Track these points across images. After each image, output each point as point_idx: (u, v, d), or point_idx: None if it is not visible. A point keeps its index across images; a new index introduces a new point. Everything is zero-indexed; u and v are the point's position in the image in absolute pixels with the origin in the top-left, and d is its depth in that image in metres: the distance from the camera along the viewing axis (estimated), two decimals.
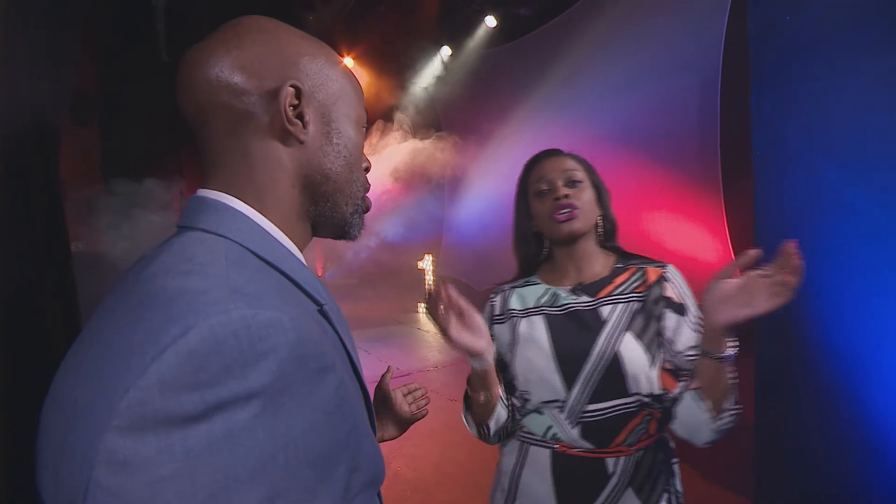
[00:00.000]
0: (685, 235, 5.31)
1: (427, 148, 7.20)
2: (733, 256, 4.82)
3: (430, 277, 7.19)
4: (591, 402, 0.96)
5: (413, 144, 7.39)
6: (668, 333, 1.00)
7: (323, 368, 0.38)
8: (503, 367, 1.05)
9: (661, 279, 1.05)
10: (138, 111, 4.61)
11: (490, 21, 6.80)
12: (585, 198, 1.03)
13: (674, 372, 0.99)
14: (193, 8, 5.97)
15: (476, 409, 1.01)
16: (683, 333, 1.00)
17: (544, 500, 0.97)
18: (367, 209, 0.60)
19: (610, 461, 0.96)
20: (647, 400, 0.97)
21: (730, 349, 0.88)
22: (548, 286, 1.08)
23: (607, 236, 1.12)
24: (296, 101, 0.50)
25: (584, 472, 0.96)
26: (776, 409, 1.67)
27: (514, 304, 1.08)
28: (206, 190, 0.49)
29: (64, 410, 0.33)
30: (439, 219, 8.75)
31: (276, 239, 0.48)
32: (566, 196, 1.01)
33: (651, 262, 1.10)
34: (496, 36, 6.98)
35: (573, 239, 1.04)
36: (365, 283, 9.54)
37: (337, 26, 6.99)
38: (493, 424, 1.00)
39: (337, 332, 0.48)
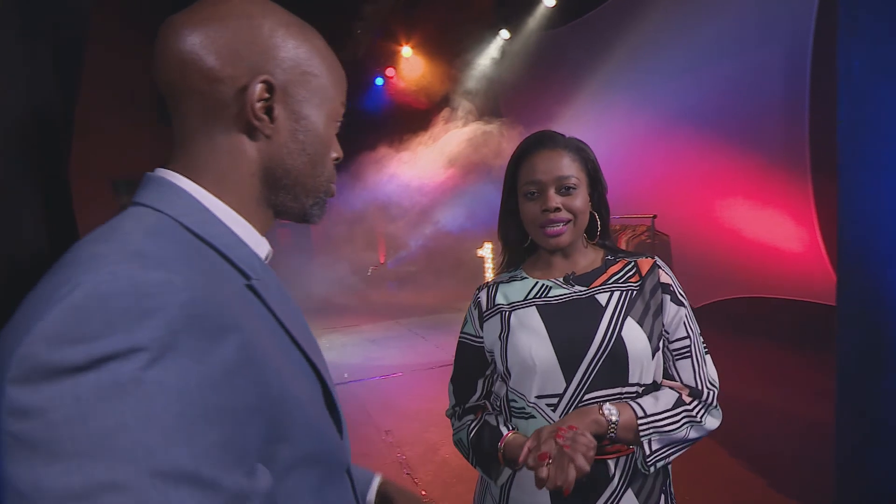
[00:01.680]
0: (765, 224, 4.85)
1: (487, 134, 7.11)
2: (823, 248, 4.33)
3: (489, 265, 7.14)
4: (590, 392, 0.91)
5: (473, 131, 7.33)
6: (665, 323, 0.97)
7: (221, 328, 0.39)
8: (493, 364, 1.01)
9: (655, 267, 1.01)
10: None
11: (548, 1, 6.54)
12: (578, 206, 0.96)
13: (667, 364, 0.97)
14: None
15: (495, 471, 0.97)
16: (678, 325, 0.97)
17: None
18: (331, 195, 0.60)
19: (611, 462, 0.91)
20: (644, 391, 0.93)
21: (607, 427, 0.87)
22: (536, 280, 1.02)
23: (599, 234, 1.05)
24: (266, 96, 0.50)
25: (584, 475, 0.90)
26: (859, 412, 1.48)
27: (501, 299, 1.02)
28: (162, 169, 0.51)
29: None
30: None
31: (216, 217, 0.49)
32: (557, 209, 0.94)
33: (639, 255, 1.05)
34: (555, 16, 6.71)
35: (561, 249, 1.00)
36: (425, 271, 9.67)
37: (394, 16, 7.04)
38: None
39: (268, 306, 0.49)
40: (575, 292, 0.97)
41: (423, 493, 2.52)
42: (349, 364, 4.81)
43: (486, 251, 7.61)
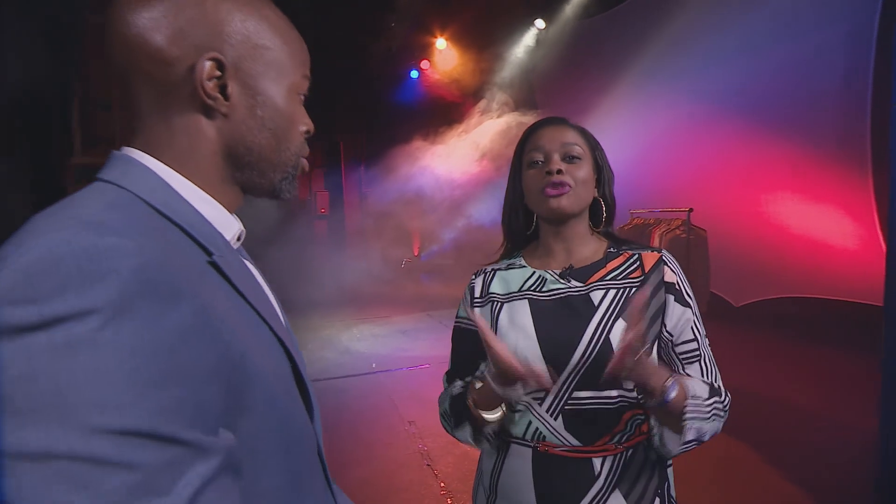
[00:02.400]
0: (817, 219, 4.55)
1: (522, 126, 6.99)
2: (883, 245, 4.01)
3: None
4: (577, 390, 0.88)
5: (508, 123, 7.23)
6: (669, 326, 0.90)
7: (175, 293, 0.39)
8: (482, 356, 0.96)
9: (660, 262, 0.95)
10: None
11: None
12: (581, 175, 0.93)
13: (675, 368, 0.91)
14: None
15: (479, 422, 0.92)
16: (684, 328, 0.91)
17: (523, 501, 0.90)
18: (302, 171, 0.59)
19: (596, 461, 0.88)
20: (634, 395, 0.88)
21: (668, 389, 0.80)
22: (534, 269, 0.99)
23: (603, 220, 1.00)
24: (217, 74, 0.49)
25: (568, 472, 0.88)
26: None
27: (496, 287, 0.99)
28: (127, 148, 0.51)
29: None
30: None
31: (179, 195, 0.49)
32: (559, 171, 0.91)
33: (645, 247, 0.99)
34: (592, 4, 6.50)
35: (562, 218, 0.95)
36: (458, 264, 9.67)
37: (428, 8, 7.01)
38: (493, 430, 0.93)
39: (231, 281, 0.49)
40: (571, 288, 0.93)
41: (442, 484, 2.54)
42: (378, 354, 4.88)
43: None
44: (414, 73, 9.04)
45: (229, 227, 0.55)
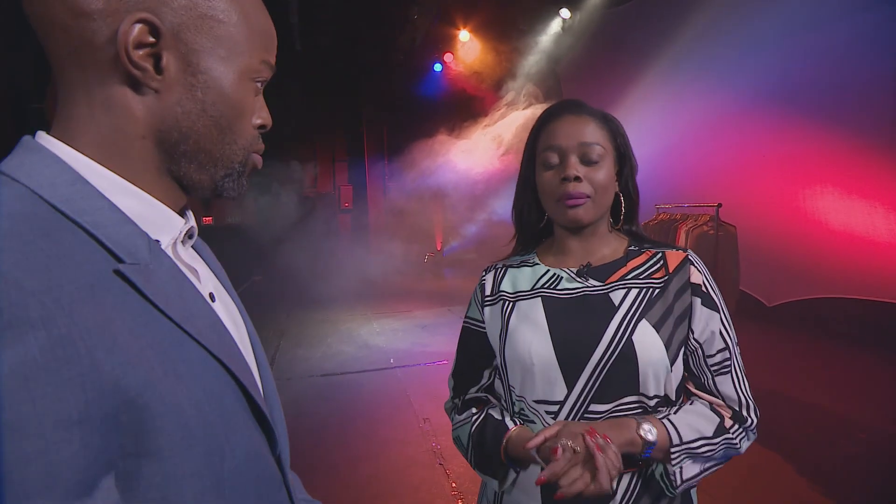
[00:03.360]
0: (861, 216, 4.26)
1: (531, 116, 6.85)
2: None
3: None
4: (595, 402, 0.81)
5: (533, 116, 7.09)
6: (696, 333, 0.83)
7: (17, 322, 0.32)
8: (493, 356, 0.92)
9: (686, 262, 0.87)
10: (272, 99, 5.12)
11: None
12: (601, 179, 0.85)
13: (695, 380, 0.85)
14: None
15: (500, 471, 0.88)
16: (713, 334, 0.83)
17: None
18: (254, 168, 0.52)
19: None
20: (655, 403, 0.81)
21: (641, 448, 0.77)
22: (548, 267, 0.91)
23: (624, 217, 0.92)
24: (150, 40, 0.42)
25: (581, 493, 0.80)
26: None
27: (507, 285, 0.92)
28: (41, 132, 0.44)
29: None
30: None
31: (94, 189, 0.42)
32: (577, 179, 0.83)
33: (669, 245, 0.91)
34: None
35: (580, 227, 0.88)
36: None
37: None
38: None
39: (145, 295, 0.41)
40: (588, 287, 0.86)
41: (454, 484, 2.49)
42: (396, 349, 4.87)
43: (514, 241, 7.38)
44: (437, 67, 8.96)
45: (168, 225, 0.47)
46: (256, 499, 0.46)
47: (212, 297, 0.52)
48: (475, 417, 0.91)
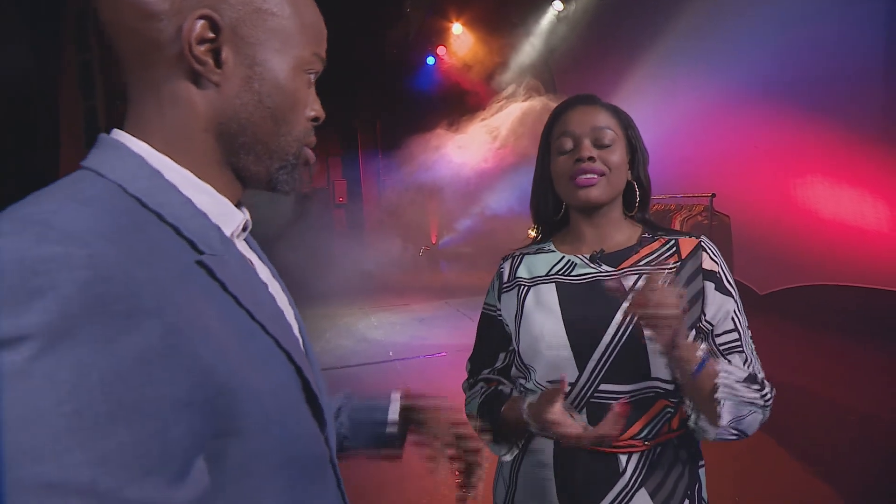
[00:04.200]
0: (851, 204, 4.35)
1: (541, 111, 6.86)
2: None
3: None
4: (605, 383, 0.84)
5: (526, 108, 7.10)
6: (709, 315, 0.86)
7: (137, 312, 0.34)
8: (509, 341, 0.96)
9: (699, 248, 0.89)
10: None
11: None
12: (614, 161, 0.88)
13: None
14: None
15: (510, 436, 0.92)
16: (725, 317, 0.86)
17: (545, 496, 0.87)
18: (306, 163, 0.53)
19: (622, 457, 0.84)
20: (668, 388, 0.84)
21: (699, 361, 0.77)
22: (563, 254, 0.95)
23: (637, 205, 0.95)
24: (210, 36, 0.44)
25: (591, 467, 0.84)
26: None
27: (523, 271, 0.96)
28: (116, 130, 0.46)
29: None
30: None
31: (169, 183, 0.44)
32: (591, 158, 0.87)
33: (683, 233, 0.94)
34: None
35: (593, 208, 0.91)
36: (476, 252, 9.63)
37: None
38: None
39: (223, 284, 0.43)
40: (601, 272, 0.89)
41: (458, 473, 2.54)
42: (395, 342, 4.90)
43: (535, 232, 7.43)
44: (430, 60, 8.94)
45: (230, 218, 0.49)
46: (312, 477, 0.50)
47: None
48: (484, 390, 0.96)
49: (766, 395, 0.83)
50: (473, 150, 7.92)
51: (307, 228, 8.99)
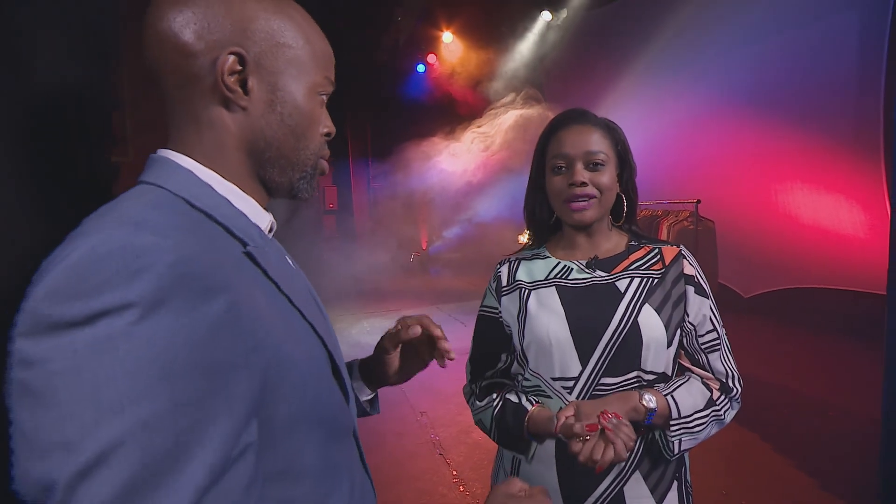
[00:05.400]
0: (828, 209, 4.51)
1: (530, 119, 6.97)
2: None
3: None
4: (605, 377, 0.92)
5: (515, 117, 7.21)
6: (691, 316, 0.95)
7: (208, 288, 0.41)
8: (510, 341, 1.03)
9: (679, 256, 1.00)
10: None
11: None
12: (604, 181, 0.96)
13: (690, 357, 0.97)
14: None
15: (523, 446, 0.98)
16: (705, 318, 0.96)
17: (547, 485, 0.94)
18: (322, 173, 0.61)
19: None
20: (651, 378, 0.92)
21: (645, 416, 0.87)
22: (559, 260, 1.03)
23: (626, 216, 1.03)
24: (238, 68, 0.51)
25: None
26: None
27: (522, 275, 1.03)
28: (163, 150, 0.54)
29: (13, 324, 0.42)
30: None
31: (214, 190, 0.52)
32: (583, 183, 0.94)
33: (664, 242, 1.03)
34: None
35: (586, 227, 1.00)
36: (466, 258, 9.70)
37: (435, 1, 6.99)
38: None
39: (266, 272, 0.51)
40: (596, 277, 0.97)
41: (454, 472, 2.59)
42: None
43: (527, 238, 7.52)
44: (420, 68, 9.03)
45: (262, 219, 0.57)
46: (340, 441, 0.57)
47: None
48: (495, 402, 1.01)
49: (730, 400, 0.95)
50: (464, 158, 8.00)
51: (297, 234, 8.97)
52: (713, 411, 0.92)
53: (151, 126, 0.57)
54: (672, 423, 0.88)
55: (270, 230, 0.61)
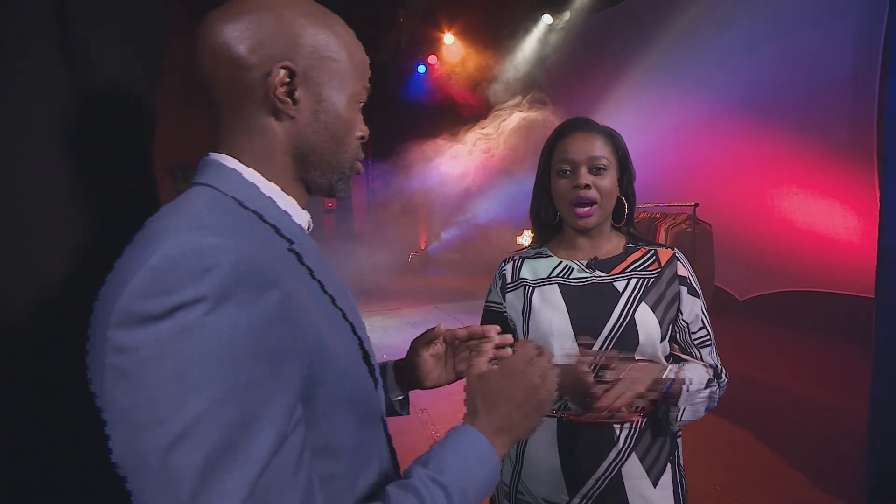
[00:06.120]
0: (823, 214, 4.58)
1: (530, 121, 7.02)
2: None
3: None
4: (603, 370, 0.96)
5: (515, 119, 7.26)
6: (685, 315, 1.02)
7: (264, 283, 0.46)
8: (514, 335, 1.07)
9: (674, 258, 1.06)
10: None
11: None
12: (606, 185, 1.03)
13: (683, 351, 1.03)
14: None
15: None
16: (697, 316, 1.02)
17: (549, 468, 1.00)
18: (357, 173, 0.66)
19: (616, 427, 0.98)
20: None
21: (665, 386, 0.91)
22: (560, 259, 1.09)
23: (624, 219, 1.10)
24: (288, 80, 0.55)
25: (590, 437, 0.98)
26: (894, 409, 1.44)
27: (526, 273, 1.09)
28: (214, 153, 0.58)
29: (96, 317, 0.47)
30: None
31: (261, 192, 0.57)
32: (587, 186, 1.01)
33: (659, 245, 1.10)
34: None
35: (589, 230, 1.06)
36: (465, 258, 9.75)
37: (436, 2, 7.04)
38: None
39: (308, 268, 0.56)
40: (595, 277, 1.04)
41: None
42: (389, 345, 4.98)
43: (526, 239, 7.59)
44: (421, 68, 9.07)
45: (302, 218, 0.61)
46: (371, 425, 0.61)
47: None
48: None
49: (723, 383, 1.02)
50: (464, 160, 8.04)
51: None
52: (711, 390, 0.99)
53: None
54: (683, 393, 0.93)
55: (308, 228, 0.65)
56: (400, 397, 0.83)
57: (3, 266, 0.57)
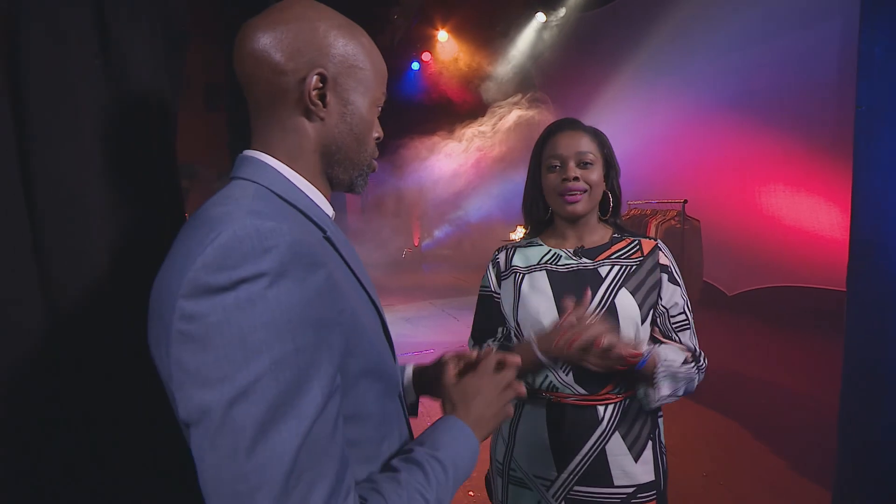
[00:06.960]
0: (808, 211, 4.69)
1: (522, 119, 7.09)
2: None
3: None
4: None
5: (508, 116, 7.32)
6: (664, 300, 1.09)
7: (314, 263, 0.52)
8: (506, 320, 1.15)
9: (656, 248, 1.14)
10: None
11: None
12: (593, 178, 1.10)
13: (663, 335, 1.09)
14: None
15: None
16: (676, 303, 1.09)
17: (539, 446, 1.07)
18: (373, 170, 0.72)
19: (600, 408, 1.05)
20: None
21: (640, 358, 0.97)
22: (550, 247, 1.17)
23: (610, 211, 1.18)
24: (320, 85, 0.61)
25: (576, 417, 1.05)
26: (864, 401, 1.53)
27: (518, 261, 1.17)
28: (250, 150, 0.64)
29: (160, 291, 0.52)
30: None
31: (295, 185, 0.62)
32: (576, 179, 1.08)
33: (644, 235, 1.18)
34: None
35: (577, 218, 1.14)
36: (458, 254, 9.83)
37: (431, 0, 7.07)
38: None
39: (341, 254, 0.62)
40: (581, 263, 1.11)
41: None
42: None
43: (518, 235, 7.66)
44: (415, 65, 9.10)
45: (328, 209, 0.68)
46: (392, 396, 0.67)
47: None
48: (491, 342, 1.16)
49: (701, 366, 1.06)
50: (454, 156, 8.09)
51: None
52: (688, 368, 1.03)
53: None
54: (659, 368, 0.99)
55: (332, 219, 0.71)
56: (412, 400, 0.89)
57: (60, 258, 0.62)
